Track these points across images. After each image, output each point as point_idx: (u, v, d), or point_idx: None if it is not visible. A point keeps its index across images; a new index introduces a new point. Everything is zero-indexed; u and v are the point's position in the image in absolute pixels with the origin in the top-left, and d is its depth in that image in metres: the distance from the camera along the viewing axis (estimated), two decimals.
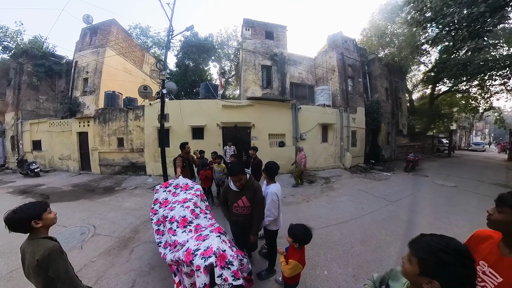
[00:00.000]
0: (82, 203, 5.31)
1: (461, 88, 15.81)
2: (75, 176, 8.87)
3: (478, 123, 32.56)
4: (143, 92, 7.63)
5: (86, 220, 4.23)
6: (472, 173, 9.06)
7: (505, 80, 12.98)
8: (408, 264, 0.79)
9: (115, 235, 3.62)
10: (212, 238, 1.78)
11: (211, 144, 7.83)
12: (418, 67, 17.14)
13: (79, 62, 10.67)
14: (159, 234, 2.24)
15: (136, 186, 6.93)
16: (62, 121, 9.84)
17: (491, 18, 5.79)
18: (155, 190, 2.81)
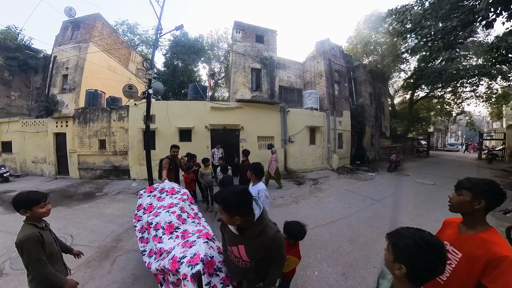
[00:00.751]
0: (58, 211, 4.89)
1: (437, 94, 17.27)
2: (50, 181, 8.24)
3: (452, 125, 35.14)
4: (128, 91, 7.32)
5: (62, 229, 3.90)
6: (448, 171, 9.72)
7: (474, 87, 14.30)
8: (387, 253, 0.89)
9: (95, 244, 3.37)
10: (199, 244, 1.69)
11: (199, 146, 7.68)
12: (399, 74, 18.33)
13: (58, 57, 9.98)
14: (143, 242, 2.11)
15: (119, 191, 6.57)
16: (37, 121, 9.12)
17: (462, 32, 6.38)
18: (139, 195, 2.66)
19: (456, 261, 1.10)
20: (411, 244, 0.80)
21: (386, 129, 16.13)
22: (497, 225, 3.77)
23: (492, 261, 0.96)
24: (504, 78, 12.30)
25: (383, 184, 7.25)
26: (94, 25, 10.31)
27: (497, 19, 6.11)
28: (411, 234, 0.83)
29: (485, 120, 32.60)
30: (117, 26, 14.97)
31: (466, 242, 1.09)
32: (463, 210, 1.12)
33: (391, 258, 0.85)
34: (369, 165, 11.37)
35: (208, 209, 4.82)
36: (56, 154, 8.89)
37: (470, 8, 6.17)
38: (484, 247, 1.01)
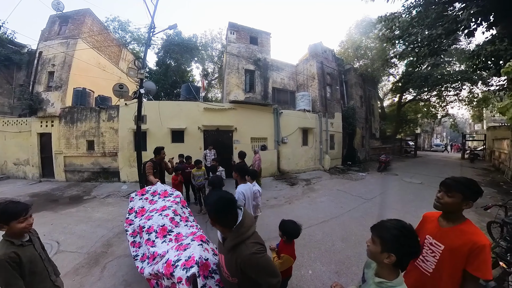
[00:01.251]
0: (43, 216, 4.67)
1: (424, 97, 18.12)
2: (34, 184, 7.84)
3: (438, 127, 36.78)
4: (119, 91, 7.15)
5: (47, 235, 3.68)
6: (435, 170, 10.18)
7: (457, 91, 15.12)
8: (372, 245, 0.97)
9: (84, 250, 3.23)
10: (194, 247, 1.67)
11: (191, 148, 7.57)
12: (387, 78, 19.06)
13: (44, 53, 9.53)
14: (135, 246, 2.06)
15: (108, 194, 6.36)
16: (19, 120, 8.64)
17: (446, 39, 6.78)
18: (130, 198, 2.60)
19: (439, 253, 1.19)
20: (398, 234, 0.91)
21: (376, 130, 16.66)
22: (479, 220, 3.99)
23: (474, 250, 1.06)
24: (484, 84, 13.10)
25: (373, 184, 7.47)
26: (83, 20, 9.97)
27: (478, 29, 6.57)
28: (395, 226, 0.94)
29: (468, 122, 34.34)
30: (107, 22, 14.56)
31: (447, 235, 1.18)
32: (452, 209, 1.19)
33: (378, 249, 0.93)
34: (360, 165, 11.67)
35: (201, 211, 4.76)
36: (41, 155, 8.48)
37: (454, 17, 6.56)
38: (464, 238, 1.11)
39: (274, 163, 8.90)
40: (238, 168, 2.63)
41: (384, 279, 0.94)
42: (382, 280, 0.95)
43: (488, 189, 6.57)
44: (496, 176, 8.58)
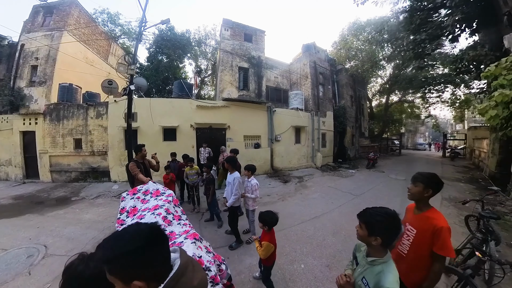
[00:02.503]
0: (28, 219, 4.49)
1: (408, 98, 18.85)
2: (18, 185, 7.51)
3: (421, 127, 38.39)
4: (108, 87, 6.94)
5: (34, 239, 3.55)
6: (417, 168, 10.67)
7: (440, 93, 15.88)
8: (360, 230, 1.10)
9: (74, 253, 3.15)
10: (187, 245, 1.67)
11: (184, 146, 7.50)
12: (376, 79, 19.66)
13: (26, 45, 8.95)
14: None
15: (98, 195, 6.19)
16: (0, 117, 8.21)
17: (430, 44, 7.16)
18: (122, 198, 2.52)
19: (413, 236, 1.45)
20: (381, 219, 1.04)
21: (365, 129, 17.21)
22: (458, 214, 4.29)
23: (435, 232, 1.32)
24: (466, 86, 13.89)
25: (362, 180, 7.76)
26: (69, 12, 9.44)
27: (462, 35, 6.98)
28: (378, 212, 1.08)
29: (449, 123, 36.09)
30: (96, 14, 13.91)
31: (418, 220, 1.46)
32: (418, 197, 1.47)
33: (366, 233, 1.07)
34: (350, 162, 12.04)
35: (194, 210, 4.77)
36: (24, 155, 8.11)
37: (438, 23, 6.92)
38: (428, 222, 1.37)
39: (267, 161, 9.00)
40: (228, 161, 3.20)
41: (375, 257, 1.08)
42: (374, 259, 1.09)
43: (467, 185, 7.02)
44: (475, 173, 9.13)
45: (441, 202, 5.08)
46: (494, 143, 7.75)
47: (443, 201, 5.18)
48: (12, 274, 2.61)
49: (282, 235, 3.47)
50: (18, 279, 2.51)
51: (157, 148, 7.30)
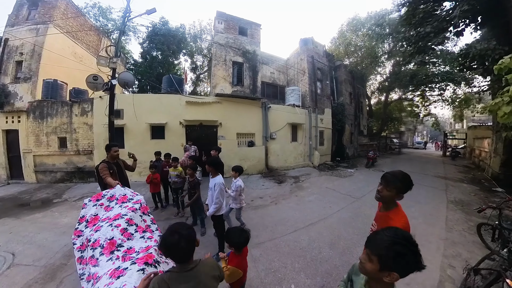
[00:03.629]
0: (3, 223, 4.20)
1: (408, 97, 18.56)
2: (1, 186, 7.18)
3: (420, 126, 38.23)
4: (93, 82, 6.48)
5: (3, 246, 3.29)
6: (418, 167, 10.38)
7: (441, 91, 15.57)
8: (369, 264, 0.84)
9: (41, 263, 2.87)
10: (130, 275, 1.33)
11: (173, 144, 7.12)
12: (375, 76, 19.34)
13: (10, 40, 8.56)
14: (83, 263, 1.74)
15: (81, 197, 5.85)
16: None
17: (436, 38, 6.80)
18: (83, 204, 2.22)
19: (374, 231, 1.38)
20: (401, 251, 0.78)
21: (364, 127, 16.91)
22: (466, 219, 3.98)
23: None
24: (467, 84, 13.55)
25: (362, 181, 7.43)
26: (55, 4, 9.01)
27: (466, 29, 6.64)
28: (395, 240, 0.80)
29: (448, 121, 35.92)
30: (87, 9, 13.41)
31: (380, 218, 1.53)
32: (387, 201, 1.44)
33: (376, 268, 0.81)
34: (348, 161, 11.75)
35: (178, 213, 4.42)
36: (7, 155, 7.73)
37: (444, 16, 6.58)
38: (386, 222, 1.38)
39: (262, 160, 8.64)
40: (211, 163, 2.78)
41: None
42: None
43: (470, 186, 6.71)
44: (476, 173, 8.85)
45: (447, 206, 4.78)
46: (497, 143, 7.46)
47: (449, 205, 4.87)
48: None
49: (272, 246, 3.13)
50: None
51: (145, 146, 6.97)
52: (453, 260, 2.73)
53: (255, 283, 2.35)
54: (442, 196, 5.63)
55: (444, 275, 2.47)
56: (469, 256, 2.76)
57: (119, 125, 6.73)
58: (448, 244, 3.14)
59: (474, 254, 2.83)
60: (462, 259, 2.68)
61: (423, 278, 2.41)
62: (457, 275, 2.42)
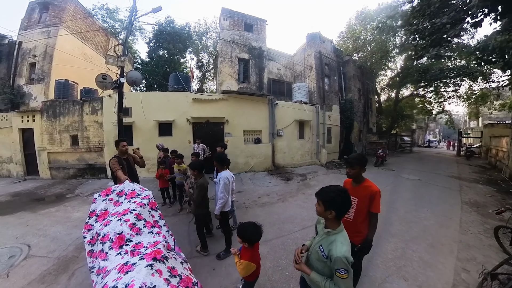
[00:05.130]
0: (20, 217, 4.40)
1: (420, 93, 17.77)
2: (18, 182, 7.47)
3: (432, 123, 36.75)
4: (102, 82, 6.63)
5: (20, 238, 3.46)
6: (430, 167, 10.00)
7: (456, 87, 14.79)
8: (318, 207, 1.28)
9: (55, 255, 2.99)
10: (138, 270, 1.32)
11: (180, 141, 7.21)
12: (385, 72, 18.68)
13: (24, 43, 8.95)
14: (93, 256, 1.76)
15: (92, 192, 6.02)
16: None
17: (452, 29, 6.40)
18: (93, 199, 2.25)
19: (355, 204, 1.84)
20: (334, 195, 1.22)
21: (373, 125, 16.44)
22: (482, 222, 3.80)
23: (372, 195, 1.78)
24: (485, 79, 12.79)
25: (370, 179, 7.15)
26: (64, 7, 9.31)
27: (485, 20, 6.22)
28: (332, 190, 1.25)
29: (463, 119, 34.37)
30: (95, 10, 13.76)
31: (358, 191, 1.84)
32: (356, 176, 1.87)
33: (322, 209, 1.25)
34: None
35: (181, 211, 4.46)
36: (24, 152, 8.05)
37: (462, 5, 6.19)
38: (367, 190, 1.81)
39: (268, 157, 8.59)
40: (217, 158, 2.94)
41: (330, 229, 1.27)
42: (329, 230, 1.28)
43: (486, 187, 6.37)
44: (493, 174, 8.44)
45: (461, 207, 4.57)
46: None
47: (463, 206, 4.65)
48: None
49: (280, 244, 3.10)
50: None
51: (153, 143, 7.05)
52: (468, 264, 2.61)
53: (262, 280, 2.33)
54: (456, 197, 5.39)
55: (458, 279, 2.37)
56: (484, 260, 2.62)
57: (127, 122, 6.87)
58: (462, 247, 3.02)
59: (491, 258, 2.69)
60: (477, 263, 2.57)
61: (435, 281, 2.34)
62: (472, 280, 2.32)
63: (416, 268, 2.56)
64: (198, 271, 2.44)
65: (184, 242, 3.18)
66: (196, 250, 2.98)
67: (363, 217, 1.84)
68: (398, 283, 2.33)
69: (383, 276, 2.44)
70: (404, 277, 2.42)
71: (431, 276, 2.42)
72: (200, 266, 2.58)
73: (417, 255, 2.82)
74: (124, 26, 14.24)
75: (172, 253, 1.70)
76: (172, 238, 2.00)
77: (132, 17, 5.42)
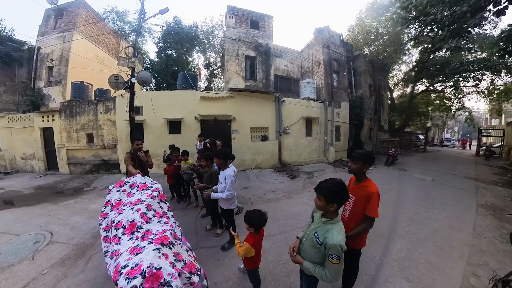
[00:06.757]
0: (43, 208, 4.78)
1: (437, 88, 16.76)
2: (40, 177, 8.01)
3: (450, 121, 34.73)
4: (114, 82, 6.92)
5: (43, 226, 3.79)
6: (445, 167, 9.50)
7: (476, 82, 13.82)
8: (318, 201, 1.36)
9: (74, 242, 3.26)
10: (147, 252, 1.47)
11: (189, 139, 7.37)
12: (399, 66, 17.81)
13: (42, 48, 9.54)
14: (107, 241, 1.94)
15: (107, 186, 6.36)
16: (22, 116, 8.71)
17: (472, 18, 5.96)
18: (108, 190, 2.46)
19: (352, 202, 1.81)
20: (337, 190, 1.30)
21: (384, 122, 15.84)
22: (497, 226, 3.60)
23: (368, 196, 1.67)
24: (510, 72, 11.88)
25: (379, 179, 6.97)
26: (78, 12, 9.77)
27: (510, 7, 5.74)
28: (332, 184, 1.33)
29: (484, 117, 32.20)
30: (106, 14, 14.28)
31: (356, 190, 1.80)
32: (357, 172, 1.82)
33: (324, 203, 1.33)
34: None
35: (188, 205, 4.61)
36: (45, 149, 8.60)
37: None
38: (364, 190, 1.73)
39: (275, 154, 8.60)
40: (222, 154, 2.77)
41: (328, 219, 1.37)
42: (327, 219, 1.37)
43: (506, 190, 5.96)
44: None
45: (476, 210, 4.34)
46: None
47: (478, 209, 4.41)
48: (19, 258, 2.82)
49: (282, 239, 3.14)
50: (22, 263, 2.70)
51: (162, 141, 7.34)
52: (479, 269, 2.50)
53: (264, 273, 2.39)
54: (471, 199, 5.10)
55: (467, 283, 2.29)
56: (498, 266, 2.48)
57: (139, 120, 7.15)
58: (474, 251, 2.86)
59: (505, 264, 2.54)
60: (489, 269, 2.43)
61: (441, 285, 2.27)
62: (481, 285, 2.23)
63: (421, 270, 2.50)
64: (203, 261, 2.53)
65: (191, 233, 3.31)
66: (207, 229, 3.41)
67: (357, 219, 1.74)
68: (401, 283, 2.29)
69: (385, 276, 2.40)
70: (407, 278, 2.37)
71: (437, 279, 2.34)
72: (205, 256, 2.69)
73: (424, 257, 2.73)
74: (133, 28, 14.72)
75: (179, 242, 1.84)
76: (179, 228, 2.13)
77: (141, 19, 5.59)
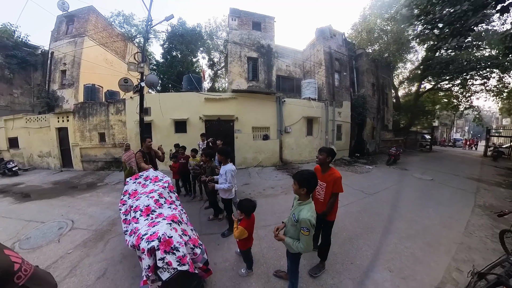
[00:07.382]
0: (62, 200, 5.27)
1: (444, 86, 16.30)
2: (56, 173, 8.59)
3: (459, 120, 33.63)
4: (124, 85, 7.36)
5: (65, 215, 4.27)
6: (449, 167, 9.34)
7: (484, 80, 13.37)
8: (294, 186, 1.75)
9: (93, 228, 3.71)
10: (161, 225, 1.89)
11: (194, 138, 7.70)
12: (404, 64, 17.50)
13: (55, 53, 10.09)
14: (126, 223, 2.33)
15: (118, 181, 6.83)
16: (39, 117, 9.33)
17: (474, 17, 5.85)
18: (125, 182, 2.91)
19: (325, 187, 2.35)
20: (307, 177, 1.70)
21: (388, 121, 15.71)
22: (492, 226, 3.66)
23: (335, 180, 2.28)
24: None
25: (379, 178, 7.09)
26: (87, 18, 10.27)
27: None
28: (305, 173, 1.74)
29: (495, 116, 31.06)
30: (113, 17, 14.70)
31: (325, 177, 2.35)
32: (323, 162, 2.36)
33: (297, 187, 1.71)
34: (368, 158, 11.21)
35: (193, 198, 4.99)
36: (60, 148, 9.19)
37: None
38: (332, 176, 2.30)
39: (276, 153, 8.88)
40: (223, 152, 3.13)
41: (302, 201, 1.75)
42: (300, 202, 1.76)
43: (509, 191, 5.85)
44: None
45: (472, 210, 4.39)
46: None
47: (475, 209, 4.45)
48: (46, 241, 3.30)
49: None
50: (50, 245, 3.17)
51: (169, 139, 7.72)
52: (463, 265, 2.57)
53: (257, 256, 2.69)
54: (469, 199, 5.10)
55: (448, 277, 2.38)
56: (483, 263, 2.49)
57: (147, 121, 7.56)
58: (462, 248, 2.94)
59: (490, 261, 2.53)
60: (475, 265, 2.47)
61: (422, 276, 2.38)
62: (463, 280, 2.29)
63: (404, 262, 2.62)
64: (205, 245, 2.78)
65: (195, 222, 3.63)
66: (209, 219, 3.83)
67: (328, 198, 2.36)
68: (382, 273, 2.43)
69: (368, 266, 2.56)
70: (389, 268, 2.51)
71: (418, 271, 2.46)
72: (207, 241, 2.98)
73: (409, 251, 2.86)
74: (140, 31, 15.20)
75: (185, 222, 2.25)
76: (185, 215, 2.47)
77: (148, 26, 5.96)
